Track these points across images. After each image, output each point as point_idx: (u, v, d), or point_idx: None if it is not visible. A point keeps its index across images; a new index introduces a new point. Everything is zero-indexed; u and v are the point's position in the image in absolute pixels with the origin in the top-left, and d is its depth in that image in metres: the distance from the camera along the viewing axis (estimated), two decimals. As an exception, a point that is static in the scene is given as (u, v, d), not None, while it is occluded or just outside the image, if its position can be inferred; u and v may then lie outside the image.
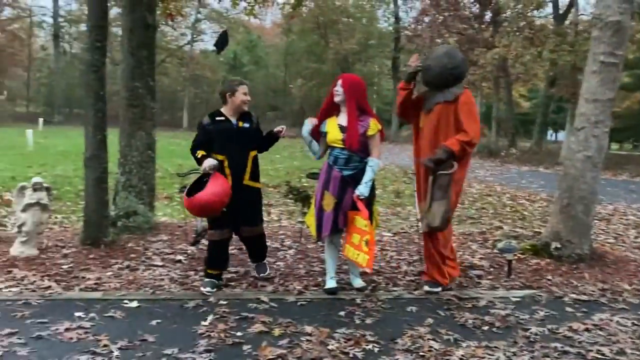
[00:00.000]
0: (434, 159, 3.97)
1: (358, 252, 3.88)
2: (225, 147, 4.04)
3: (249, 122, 4.17)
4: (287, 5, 7.20)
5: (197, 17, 38.54)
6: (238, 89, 4.09)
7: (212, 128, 4.07)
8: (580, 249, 5.19)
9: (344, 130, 3.97)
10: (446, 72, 4.08)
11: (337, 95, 4.01)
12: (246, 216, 4.16)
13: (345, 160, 3.99)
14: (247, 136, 4.14)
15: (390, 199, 9.51)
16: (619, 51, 5.00)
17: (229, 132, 4.07)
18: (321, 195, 4.07)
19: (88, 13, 5.13)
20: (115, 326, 3.32)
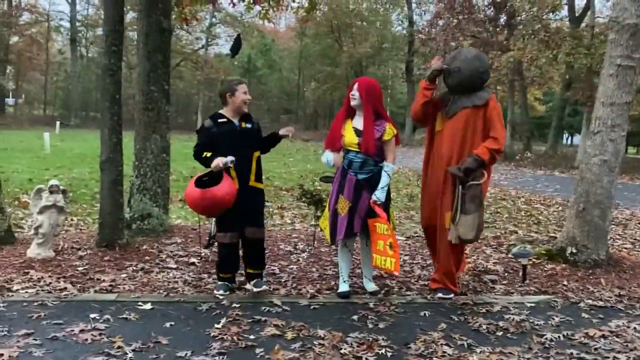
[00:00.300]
0: (464, 168, 3.85)
1: (385, 258, 3.89)
2: (229, 149, 3.93)
3: (250, 122, 4.12)
4: (301, 10, 7.22)
5: (211, 21, 38.80)
6: (238, 89, 4.02)
7: (215, 131, 4.00)
8: (597, 254, 5.13)
9: (359, 134, 3.96)
10: (477, 75, 4.01)
11: (354, 99, 4.00)
12: (252, 217, 4.07)
13: (360, 164, 3.99)
14: (250, 137, 4.09)
15: (404, 203, 9.48)
16: (636, 54, 4.94)
17: (232, 133, 4.00)
18: (336, 199, 4.06)
19: (104, 18, 5.19)
20: (130, 328, 3.35)
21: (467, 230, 3.87)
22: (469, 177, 3.86)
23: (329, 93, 39.98)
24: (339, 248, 4.21)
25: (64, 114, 41.32)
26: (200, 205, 3.86)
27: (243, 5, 7.00)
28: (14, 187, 9.11)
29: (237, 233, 4.06)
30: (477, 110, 3.97)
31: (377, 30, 37.15)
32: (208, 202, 3.81)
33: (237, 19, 37.03)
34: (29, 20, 38.74)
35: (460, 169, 3.86)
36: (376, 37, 36.74)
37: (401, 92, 42.90)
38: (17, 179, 10.07)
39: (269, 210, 7.97)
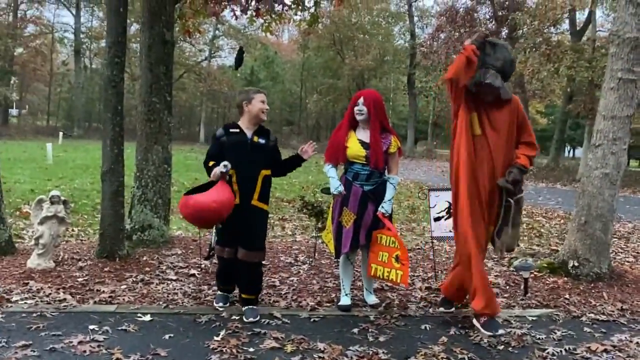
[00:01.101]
0: (512, 179, 3.65)
1: (389, 269, 3.89)
2: (237, 161, 3.73)
3: (265, 138, 3.89)
4: (304, 22, 7.26)
5: (215, 33, 39.06)
6: (255, 97, 3.83)
7: (224, 140, 3.83)
8: (599, 267, 5.10)
9: (366, 147, 3.95)
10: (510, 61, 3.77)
11: (362, 114, 3.96)
12: (246, 238, 3.80)
13: (367, 177, 3.98)
14: (261, 153, 3.86)
15: (406, 215, 9.47)
16: (637, 68, 4.95)
17: (241, 145, 3.81)
18: (340, 212, 4.03)
19: (107, 29, 5.23)
20: (129, 340, 3.33)
21: (513, 242, 3.77)
22: (516, 188, 3.70)
23: (331, 105, 40.11)
24: (340, 261, 4.19)
25: (67, 124, 41.47)
26: (186, 212, 3.66)
27: (246, 18, 7.04)
28: (15, 197, 9.12)
29: (232, 250, 3.88)
30: (513, 116, 3.74)
31: (379, 43, 37.34)
32: (192, 210, 3.60)
33: (240, 31, 37.25)
34: (34, 32, 39.02)
35: (509, 181, 3.66)
36: (378, 50, 36.93)
37: (403, 105, 43.05)
38: (19, 189, 10.08)
39: (270, 222, 7.96)
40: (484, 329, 3.67)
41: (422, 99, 38.94)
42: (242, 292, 3.94)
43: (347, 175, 4.05)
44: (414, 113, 35.38)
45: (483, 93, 3.72)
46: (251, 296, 3.90)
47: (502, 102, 3.73)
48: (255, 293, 3.93)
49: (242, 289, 3.94)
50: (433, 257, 5.47)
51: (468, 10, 21.98)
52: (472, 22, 21.93)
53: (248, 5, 6.28)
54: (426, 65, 27.78)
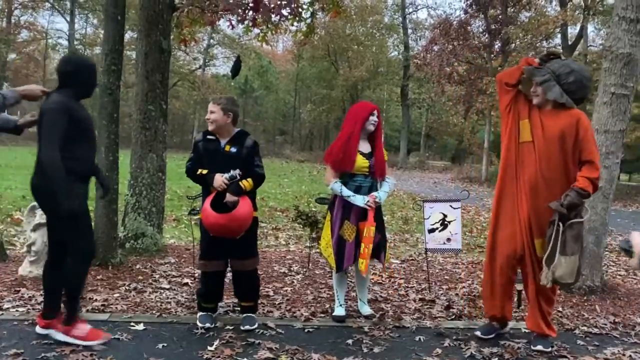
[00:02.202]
0: (567, 203, 3.38)
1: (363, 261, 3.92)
2: (209, 168, 3.71)
3: (237, 146, 3.76)
4: (299, 33, 7.30)
5: (209, 42, 39.14)
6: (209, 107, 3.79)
7: (201, 146, 3.81)
8: (592, 280, 5.13)
9: (367, 157, 3.99)
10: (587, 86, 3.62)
11: (374, 125, 4.01)
12: (237, 248, 3.73)
13: (369, 188, 4.00)
14: (235, 162, 3.71)
15: (399, 226, 9.48)
16: (630, 82, 5.02)
17: (214, 153, 3.75)
18: (340, 225, 3.99)
19: (104, 37, 5.23)
20: (121, 349, 3.30)
21: (566, 274, 3.40)
22: (572, 213, 3.42)
23: (325, 115, 40.18)
24: (334, 271, 4.18)
25: (59, 131, 41.21)
26: (229, 228, 3.62)
27: (241, 28, 7.07)
28: (7, 204, 9.05)
29: (222, 262, 3.79)
30: (570, 128, 3.53)
31: (373, 55, 37.55)
32: (235, 225, 3.62)
33: (235, 40, 37.37)
34: (28, 37, 38.92)
35: (563, 204, 3.39)
36: (372, 61, 37.13)
37: (396, 116, 43.22)
38: (11, 196, 10.00)
39: (264, 232, 7.94)
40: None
41: (415, 110, 39.19)
42: (241, 301, 3.90)
43: (348, 188, 4.00)
44: (407, 124, 35.54)
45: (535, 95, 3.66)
46: (250, 303, 3.88)
47: (560, 112, 3.59)
48: (255, 299, 3.92)
49: (240, 297, 3.90)
50: (427, 268, 5.48)
51: (462, 23, 22.14)
52: (466, 35, 22.10)
53: (245, 15, 6.30)
54: (420, 77, 28.02)
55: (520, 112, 3.72)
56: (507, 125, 3.76)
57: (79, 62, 3.43)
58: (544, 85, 3.57)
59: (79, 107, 3.36)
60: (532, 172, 3.59)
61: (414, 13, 38.76)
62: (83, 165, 3.33)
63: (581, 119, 3.55)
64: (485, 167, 23.18)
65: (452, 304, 4.66)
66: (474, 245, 7.89)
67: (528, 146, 3.63)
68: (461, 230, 5.09)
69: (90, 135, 3.42)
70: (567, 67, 3.58)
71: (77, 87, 3.35)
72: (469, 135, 33.93)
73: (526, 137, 3.65)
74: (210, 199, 3.66)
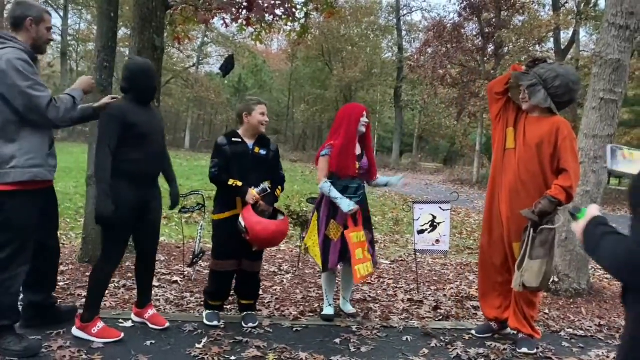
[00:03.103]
0: (539, 211, 3.46)
1: (366, 264, 3.95)
2: (241, 172, 3.73)
3: (266, 149, 3.86)
4: (293, 33, 7.31)
5: (203, 40, 39.03)
6: (255, 109, 3.80)
7: (227, 149, 3.76)
8: (578, 283, 5.19)
9: (358, 159, 4.03)
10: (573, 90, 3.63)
11: (365, 126, 4.06)
12: (249, 249, 3.79)
13: (356, 189, 4.04)
14: (263, 164, 3.83)
15: (389, 227, 9.51)
16: (619, 88, 5.08)
17: (244, 156, 3.77)
18: (326, 225, 4.04)
19: (97, 34, 5.23)
20: (110, 346, 3.30)
21: (531, 278, 3.46)
22: (544, 220, 3.48)
23: (318, 115, 40.19)
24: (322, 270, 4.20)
25: (51, 127, 40.95)
26: (282, 233, 3.76)
27: (236, 27, 7.07)
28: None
29: (236, 262, 3.81)
30: (550, 136, 3.57)
31: (367, 56, 37.61)
32: (286, 230, 3.79)
33: (229, 39, 37.30)
34: (20, 32, 38.61)
35: (535, 212, 3.46)
36: (366, 63, 37.18)
37: (389, 117, 43.30)
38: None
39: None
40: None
41: (409, 112, 39.28)
42: (242, 299, 3.98)
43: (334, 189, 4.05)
44: (399, 126, 35.63)
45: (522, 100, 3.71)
46: (251, 301, 3.98)
47: (543, 119, 3.64)
48: (256, 299, 4.04)
49: (242, 296, 3.98)
50: (416, 269, 5.51)
51: (455, 26, 22.21)
52: (459, 38, 22.17)
53: (239, 14, 6.30)
54: (413, 79, 28.07)
55: (508, 119, 3.81)
56: (497, 132, 3.86)
57: (134, 68, 3.51)
58: (530, 89, 3.63)
59: (138, 111, 3.44)
60: (511, 178, 3.69)
61: (408, 15, 38.81)
62: (135, 168, 3.40)
63: (561, 128, 3.58)
64: (477, 170, 23.28)
65: (440, 304, 4.69)
66: (464, 247, 7.94)
67: (510, 153, 3.74)
68: (450, 232, 5.13)
69: (145, 140, 3.44)
70: (554, 72, 3.62)
71: (135, 92, 3.48)
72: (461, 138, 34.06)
73: (510, 145, 3.77)
74: (251, 212, 3.63)
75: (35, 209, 3.19)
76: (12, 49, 3.01)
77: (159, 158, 3.57)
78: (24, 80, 2.96)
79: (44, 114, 3.01)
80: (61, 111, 3.08)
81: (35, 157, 3.10)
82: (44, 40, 3.25)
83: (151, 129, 3.48)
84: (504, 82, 3.85)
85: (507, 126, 3.80)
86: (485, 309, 3.98)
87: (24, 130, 3.05)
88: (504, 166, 3.77)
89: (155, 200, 3.60)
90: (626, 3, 4.97)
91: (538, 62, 3.76)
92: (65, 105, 3.12)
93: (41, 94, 3.01)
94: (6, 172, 3.00)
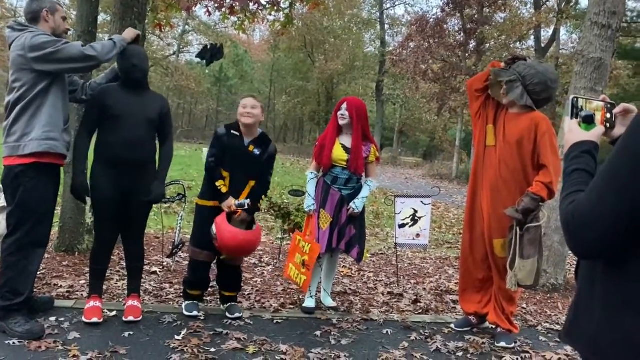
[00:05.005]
0: (522, 209, 3.46)
1: (298, 273, 4.00)
2: (231, 165, 3.73)
3: (260, 149, 3.80)
4: (277, 23, 7.24)
5: (185, 28, 38.55)
6: (240, 102, 3.81)
7: (225, 140, 3.75)
8: (555, 278, 5.26)
9: (348, 151, 4.01)
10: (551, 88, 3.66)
11: (344, 118, 4.02)
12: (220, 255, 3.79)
13: (346, 181, 4.04)
14: (254, 164, 3.78)
15: (370, 220, 9.54)
16: (600, 87, 5.14)
17: (237, 151, 3.74)
18: (318, 214, 4.05)
19: (77, 18, 5.10)
20: (87, 336, 3.24)
21: (526, 277, 3.47)
22: (528, 218, 3.48)
23: (300, 107, 40.08)
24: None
25: (26, 113, 40.14)
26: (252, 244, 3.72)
27: (219, 15, 6.97)
28: None
29: (213, 253, 3.78)
30: (529, 133, 3.58)
31: (350, 49, 37.57)
32: (256, 240, 3.75)
33: (210, 28, 36.91)
34: (-5, 15, 37.70)
35: (518, 210, 3.47)
36: (348, 55, 37.15)
37: (370, 111, 43.29)
38: None
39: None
40: None
41: (390, 106, 39.39)
42: (224, 291, 3.95)
43: (325, 179, 4.08)
44: (380, 120, 35.73)
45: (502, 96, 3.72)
46: (233, 293, 3.96)
47: (522, 115, 3.65)
48: (238, 290, 4.01)
49: (224, 288, 3.94)
50: (396, 262, 5.53)
51: (438, 22, 22.30)
52: (442, 33, 22.27)
53: (223, 2, 6.22)
54: (395, 73, 28.13)
55: (488, 117, 3.83)
56: (477, 130, 3.88)
57: (124, 53, 3.51)
58: (508, 85, 3.65)
59: (122, 96, 3.47)
60: (492, 175, 3.70)
61: (391, 9, 38.93)
62: (110, 152, 3.44)
63: (540, 124, 3.59)
64: (456, 165, 23.50)
65: (420, 298, 4.72)
66: (443, 241, 8.00)
67: (491, 150, 3.75)
68: (430, 226, 5.15)
69: (121, 125, 3.43)
70: (533, 69, 3.64)
71: (122, 77, 3.56)
72: (441, 133, 34.35)
73: (490, 142, 3.77)
74: (224, 219, 3.61)
75: (51, 185, 3.32)
76: (31, 33, 3.16)
77: (136, 145, 3.48)
78: (50, 44, 3.11)
79: (83, 53, 3.17)
80: (97, 49, 3.25)
81: (52, 130, 3.22)
82: (62, 30, 3.39)
83: (130, 114, 3.45)
84: (483, 79, 3.84)
85: (487, 123, 3.82)
86: (465, 304, 4.01)
87: (44, 106, 3.20)
88: (484, 163, 3.79)
89: (140, 193, 3.52)
90: (609, 2, 5.02)
91: (517, 59, 3.78)
92: (103, 44, 3.31)
93: (71, 43, 3.22)
94: (25, 144, 3.14)
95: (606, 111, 1.53)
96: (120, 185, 3.46)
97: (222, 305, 3.96)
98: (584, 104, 1.54)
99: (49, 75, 3.21)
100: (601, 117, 1.53)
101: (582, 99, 1.55)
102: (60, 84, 3.32)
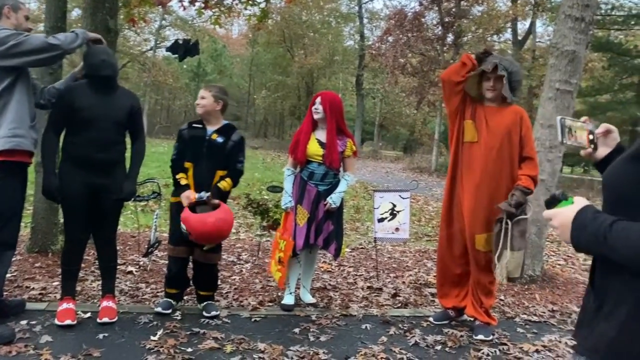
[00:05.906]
0: (514, 202, 3.48)
1: (276, 269, 4.00)
2: (193, 156, 3.70)
3: (224, 137, 3.74)
4: (254, 17, 7.17)
5: (161, 23, 38.06)
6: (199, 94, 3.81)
7: (185, 134, 3.77)
8: (532, 270, 5.31)
9: (323, 146, 3.97)
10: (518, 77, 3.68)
11: (317, 113, 3.98)
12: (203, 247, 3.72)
13: (322, 176, 4.00)
14: (217, 152, 3.70)
15: (350, 214, 9.53)
16: (574, 79, 5.18)
17: (198, 140, 3.71)
18: (295, 210, 4.02)
19: (45, 13, 4.99)
20: (59, 339, 3.17)
21: (515, 269, 3.51)
22: (518, 210, 3.52)
23: (280, 102, 39.91)
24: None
25: None
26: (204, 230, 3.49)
27: (194, 10, 6.88)
28: None
29: (186, 248, 3.73)
30: (515, 126, 3.61)
31: (329, 43, 37.45)
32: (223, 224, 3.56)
33: (187, 22, 36.49)
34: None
35: (511, 204, 3.49)
36: (328, 50, 37.04)
37: (350, 105, 43.39)
38: None
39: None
40: None
41: (370, 100, 39.45)
42: (199, 290, 3.90)
43: (302, 174, 4.05)
44: (361, 114, 35.75)
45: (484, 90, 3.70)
46: (209, 292, 3.91)
47: (502, 109, 3.67)
48: (214, 290, 3.96)
49: (199, 287, 3.90)
50: (376, 257, 5.53)
51: (416, 15, 22.35)
52: (420, 26, 22.31)
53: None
54: (374, 67, 28.16)
55: (465, 112, 3.78)
56: (455, 126, 3.82)
57: (89, 54, 3.46)
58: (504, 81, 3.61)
59: (90, 96, 3.39)
60: (477, 171, 3.67)
61: (370, 2, 38.92)
62: (78, 152, 3.39)
63: (524, 116, 3.67)
64: (435, 158, 23.62)
65: (399, 292, 4.73)
66: (422, 234, 8.03)
67: (472, 146, 3.71)
68: (409, 219, 5.16)
69: (88, 125, 3.37)
70: (514, 65, 3.67)
71: (90, 78, 3.46)
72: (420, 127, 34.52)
73: (470, 138, 3.71)
74: (187, 213, 3.54)
75: (18, 184, 3.26)
76: None
77: (104, 145, 3.41)
78: (12, 37, 3.04)
79: (46, 42, 3.11)
80: (60, 38, 3.20)
81: (18, 127, 3.16)
82: (24, 28, 3.32)
83: (98, 115, 3.38)
84: (461, 72, 3.72)
85: (464, 119, 3.77)
86: (443, 300, 4.02)
87: (10, 102, 3.14)
88: (465, 160, 3.74)
89: (110, 191, 3.46)
90: (582, -5, 5.05)
91: (487, 54, 3.76)
92: (65, 35, 3.27)
93: (33, 34, 3.16)
94: None
95: (589, 132, 1.59)
96: (89, 184, 3.40)
97: (199, 304, 3.92)
98: (571, 123, 1.61)
99: (13, 71, 3.13)
100: (586, 138, 1.61)
101: (568, 119, 1.62)
102: (25, 80, 3.26)
